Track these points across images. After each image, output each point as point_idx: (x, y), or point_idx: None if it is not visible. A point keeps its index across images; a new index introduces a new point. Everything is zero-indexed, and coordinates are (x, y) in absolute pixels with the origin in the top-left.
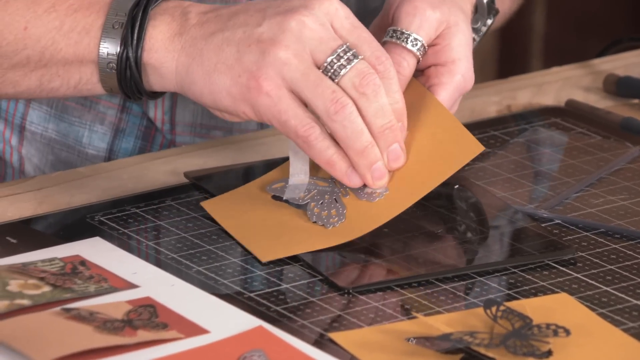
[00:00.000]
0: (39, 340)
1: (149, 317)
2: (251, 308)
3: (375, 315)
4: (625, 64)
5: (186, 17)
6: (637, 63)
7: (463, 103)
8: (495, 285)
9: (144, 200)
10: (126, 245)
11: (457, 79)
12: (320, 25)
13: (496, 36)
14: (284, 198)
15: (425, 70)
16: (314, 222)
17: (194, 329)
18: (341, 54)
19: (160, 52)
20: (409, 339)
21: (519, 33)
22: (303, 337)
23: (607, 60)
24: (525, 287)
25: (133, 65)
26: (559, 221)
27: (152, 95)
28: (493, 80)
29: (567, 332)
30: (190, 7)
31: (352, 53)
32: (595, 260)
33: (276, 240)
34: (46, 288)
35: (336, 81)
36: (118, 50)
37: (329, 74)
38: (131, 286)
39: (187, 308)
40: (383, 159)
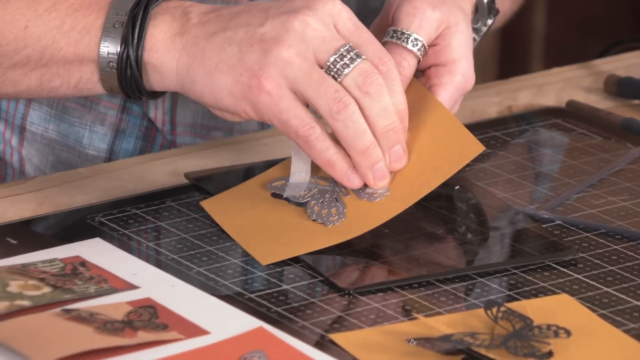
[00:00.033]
0: (39, 341)
1: (149, 318)
2: (252, 309)
3: (375, 316)
4: (626, 65)
5: (187, 17)
6: (638, 64)
7: (464, 104)
8: (495, 286)
9: (145, 201)
10: (126, 246)
11: (458, 79)
12: (323, 25)
13: (497, 37)
14: (284, 196)
15: (425, 70)
16: (314, 220)
17: (195, 330)
18: (344, 53)
19: (161, 52)
20: (410, 340)
21: (520, 33)
22: (303, 338)
23: (608, 60)
24: (525, 288)
25: (134, 64)
26: (560, 222)
27: (153, 95)
28: (494, 80)
29: (568, 333)
30: (191, 7)
31: (355, 53)
32: (596, 261)
33: (276, 241)
34: (46, 289)
35: (339, 80)
36: (118, 49)
37: (332, 74)
38: (131, 287)
39: (188, 309)
40: (385, 160)
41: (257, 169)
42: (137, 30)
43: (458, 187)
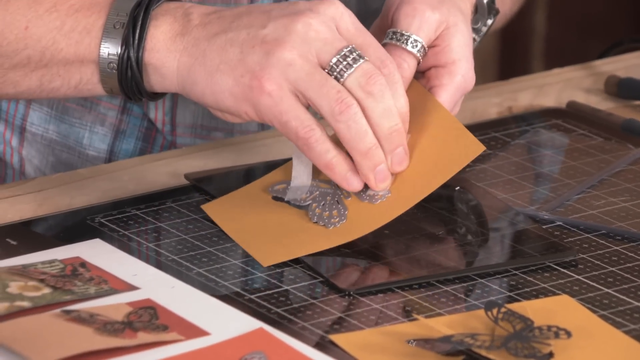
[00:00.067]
0: (39, 342)
1: (150, 319)
2: (252, 310)
3: (376, 317)
4: (626, 66)
5: (188, 18)
6: (639, 64)
7: (464, 104)
8: (496, 287)
9: (145, 201)
10: (126, 247)
11: (458, 80)
12: (326, 27)
13: (497, 37)
14: (286, 199)
15: (425, 72)
16: (315, 223)
17: (195, 331)
18: (347, 54)
19: (161, 52)
20: (410, 341)
21: (520, 34)
22: (304, 339)
23: (609, 61)
24: (526, 289)
25: (134, 65)
26: (560, 223)
27: (153, 96)
28: (494, 81)
29: (568, 334)
30: (192, 9)
31: (358, 54)
32: (596, 262)
33: (277, 243)
34: (46, 290)
35: (341, 81)
36: (119, 50)
37: (334, 75)
38: (131, 288)
39: (188, 310)
40: (387, 162)
41: (258, 170)
42: (138, 31)
43: (458, 188)
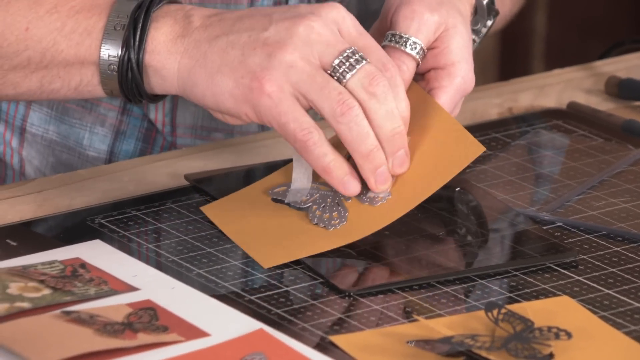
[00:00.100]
0: (39, 343)
1: (150, 320)
2: (252, 311)
3: (376, 318)
4: (627, 66)
5: (189, 20)
6: (639, 65)
7: (464, 105)
8: (496, 288)
9: (145, 202)
10: (126, 247)
11: (457, 82)
12: (328, 30)
13: (497, 38)
14: (286, 202)
15: (425, 74)
16: (315, 225)
17: (195, 332)
18: (350, 55)
19: (162, 54)
20: (410, 342)
21: (521, 35)
22: (304, 340)
23: (609, 62)
24: (526, 290)
25: (135, 67)
26: (561, 224)
27: (153, 98)
28: (494, 82)
29: (569, 335)
30: (193, 11)
31: (360, 55)
32: (596, 262)
33: (277, 244)
34: (46, 291)
35: (344, 83)
36: (119, 52)
37: (337, 76)
38: (131, 289)
39: (188, 311)
40: (388, 164)
41: (258, 171)
42: (139, 33)
43: (459, 189)
